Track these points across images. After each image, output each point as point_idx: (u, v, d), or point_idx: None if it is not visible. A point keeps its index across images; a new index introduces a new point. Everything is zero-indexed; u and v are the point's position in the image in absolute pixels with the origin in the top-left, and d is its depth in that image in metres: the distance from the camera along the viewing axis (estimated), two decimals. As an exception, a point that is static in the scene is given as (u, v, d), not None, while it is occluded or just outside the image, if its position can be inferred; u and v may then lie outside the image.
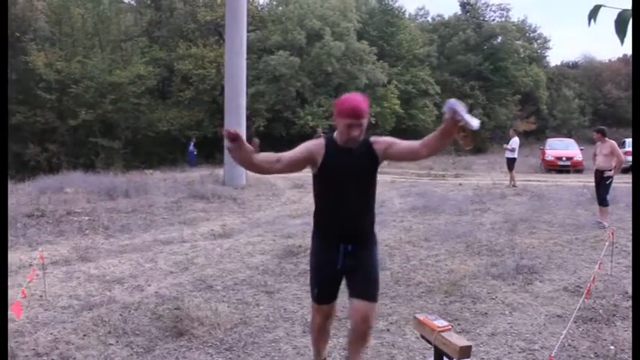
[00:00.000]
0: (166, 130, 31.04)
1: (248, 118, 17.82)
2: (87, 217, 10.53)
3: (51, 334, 4.74)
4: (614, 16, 1.34)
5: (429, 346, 4.25)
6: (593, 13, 1.42)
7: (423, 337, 2.26)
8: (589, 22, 1.43)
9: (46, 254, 7.32)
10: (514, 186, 16.33)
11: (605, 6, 1.42)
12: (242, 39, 16.64)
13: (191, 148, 28.88)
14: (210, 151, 30.63)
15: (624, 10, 1.32)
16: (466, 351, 2.01)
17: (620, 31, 1.33)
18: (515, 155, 16.92)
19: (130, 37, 33.98)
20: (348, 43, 33.33)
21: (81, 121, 28.20)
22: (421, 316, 2.28)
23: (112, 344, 4.53)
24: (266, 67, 31.73)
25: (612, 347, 4.25)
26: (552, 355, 3.43)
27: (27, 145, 27.77)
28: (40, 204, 11.38)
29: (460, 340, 2.06)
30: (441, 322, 2.17)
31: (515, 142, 16.87)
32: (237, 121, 16.43)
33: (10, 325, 4.86)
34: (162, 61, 33.01)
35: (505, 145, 17.47)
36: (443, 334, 2.10)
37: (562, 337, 4.12)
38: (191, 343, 4.49)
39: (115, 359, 4.23)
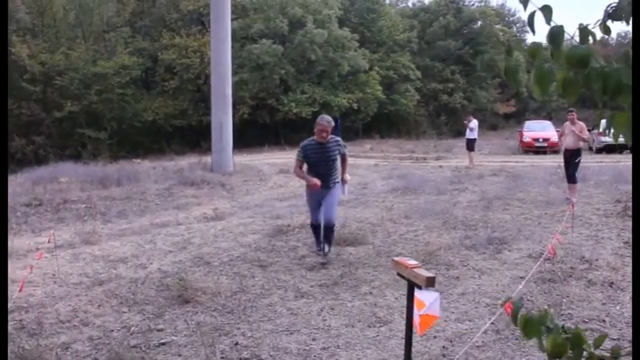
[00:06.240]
0: (152, 120, 31.37)
1: (233, 106, 18.27)
2: (84, 205, 11.00)
3: (69, 305, 5.27)
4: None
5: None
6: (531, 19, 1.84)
7: (398, 274, 2.88)
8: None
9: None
10: (468, 167, 17.11)
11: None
12: (227, 28, 17.07)
13: None
14: (195, 139, 31.03)
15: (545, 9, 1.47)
16: (431, 281, 2.61)
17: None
18: (475, 135, 18.00)
19: (113, 28, 34.14)
20: (329, 30, 33.71)
21: (66, 113, 28.46)
22: (397, 258, 2.93)
23: (125, 312, 5.08)
24: (249, 55, 32.08)
25: (564, 300, 4.88)
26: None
27: (12, 137, 27.94)
28: (37, 193, 11.83)
29: (427, 273, 2.67)
30: (412, 262, 2.79)
31: (475, 123, 17.98)
32: (223, 109, 16.90)
33: (30, 300, 5.40)
34: (146, 51, 33.26)
35: (466, 122, 18.40)
36: (414, 269, 2.71)
37: (519, 288, 4.74)
38: (196, 309, 5.05)
39: (131, 323, 4.78)
